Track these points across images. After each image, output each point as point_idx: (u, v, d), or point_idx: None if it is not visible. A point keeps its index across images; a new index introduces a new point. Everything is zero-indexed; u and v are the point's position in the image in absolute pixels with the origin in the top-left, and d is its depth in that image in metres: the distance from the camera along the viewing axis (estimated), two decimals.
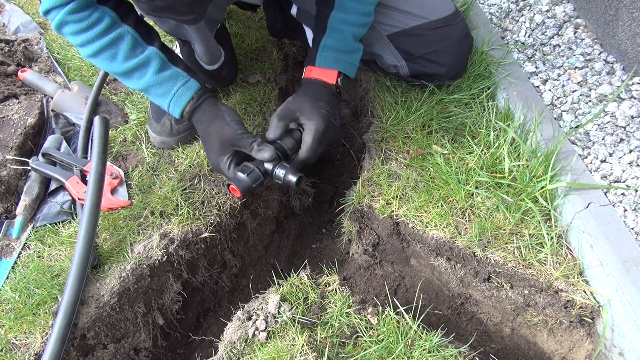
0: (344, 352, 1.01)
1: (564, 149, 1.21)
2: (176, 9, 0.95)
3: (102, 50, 1.12)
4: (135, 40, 1.14)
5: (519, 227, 1.13)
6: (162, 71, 1.16)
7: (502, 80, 1.42)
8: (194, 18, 1.05)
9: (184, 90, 1.17)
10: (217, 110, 1.18)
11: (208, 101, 1.19)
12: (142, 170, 1.37)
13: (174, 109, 1.18)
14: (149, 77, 1.15)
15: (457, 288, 1.26)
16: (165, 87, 1.17)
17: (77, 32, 1.10)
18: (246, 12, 1.88)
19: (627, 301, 0.95)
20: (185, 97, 1.17)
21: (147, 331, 1.24)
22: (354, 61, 1.28)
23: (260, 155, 1.12)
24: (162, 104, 1.20)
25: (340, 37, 1.23)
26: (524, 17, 1.62)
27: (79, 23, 1.08)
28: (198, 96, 1.18)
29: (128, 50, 1.13)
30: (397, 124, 1.40)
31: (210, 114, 1.17)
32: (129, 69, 1.15)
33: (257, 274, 1.61)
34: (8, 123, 1.47)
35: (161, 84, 1.17)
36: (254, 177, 1.11)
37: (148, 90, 1.18)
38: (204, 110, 1.18)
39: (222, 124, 1.16)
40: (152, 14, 1.05)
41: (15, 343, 1.05)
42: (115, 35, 1.11)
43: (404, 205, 1.23)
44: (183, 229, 1.23)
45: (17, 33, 1.89)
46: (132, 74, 1.16)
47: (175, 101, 1.17)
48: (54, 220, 1.28)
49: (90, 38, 1.10)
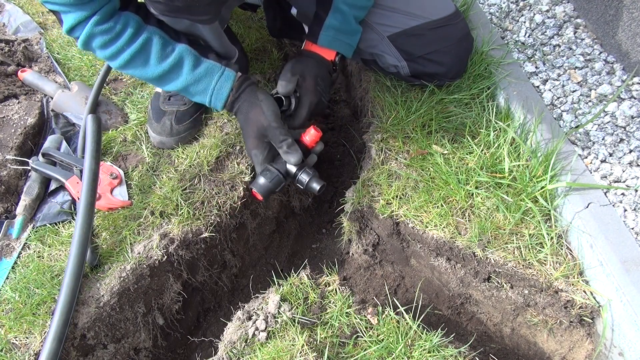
0: (344, 352, 1.01)
1: (564, 149, 1.21)
2: (193, 9, 0.96)
3: (134, 57, 1.12)
4: (164, 40, 1.14)
5: (519, 227, 1.13)
6: (196, 67, 1.16)
7: (502, 80, 1.42)
8: (210, 18, 1.06)
9: (223, 82, 1.18)
10: (256, 99, 1.19)
11: (247, 90, 1.21)
12: (142, 170, 1.37)
13: (216, 103, 1.20)
14: (185, 75, 1.16)
15: (457, 288, 1.26)
16: (204, 84, 1.18)
17: (107, 44, 1.10)
18: (246, 12, 1.88)
19: (627, 301, 0.95)
20: (225, 90, 1.18)
21: (147, 331, 1.24)
22: (353, 42, 1.32)
23: (287, 158, 1.16)
24: (203, 100, 1.20)
25: (343, 18, 1.25)
26: (524, 17, 1.62)
27: (107, 34, 1.08)
28: (237, 86, 1.20)
29: (159, 51, 1.13)
30: (397, 124, 1.40)
31: (249, 103, 1.19)
32: (164, 72, 1.15)
33: (257, 274, 1.61)
34: (8, 123, 1.47)
35: (199, 81, 1.17)
36: (275, 183, 1.15)
37: (187, 88, 1.18)
38: (244, 100, 1.20)
39: (259, 113, 1.17)
40: (168, 14, 1.05)
41: (15, 343, 1.05)
42: (145, 39, 1.11)
43: (404, 205, 1.23)
44: (183, 229, 1.23)
45: (17, 33, 1.89)
46: (168, 76, 1.16)
47: (217, 95, 1.19)
48: (54, 220, 1.28)
49: (120, 47, 1.10)
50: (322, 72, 1.28)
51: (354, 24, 1.28)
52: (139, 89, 1.63)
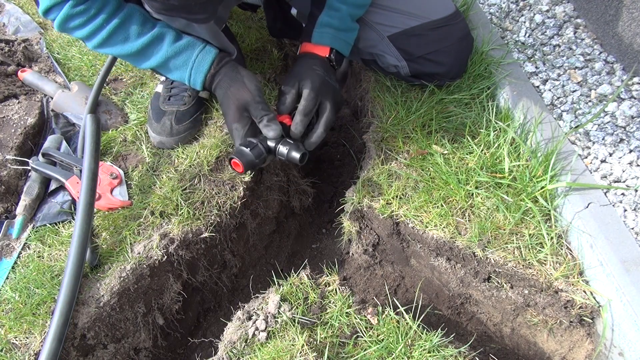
0: (344, 352, 1.01)
1: (564, 149, 1.21)
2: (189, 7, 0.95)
3: (112, 34, 1.10)
4: (144, 16, 1.12)
5: (519, 227, 1.13)
6: (178, 40, 1.14)
7: (502, 80, 1.42)
8: (206, 17, 1.05)
9: (204, 55, 1.15)
10: (237, 74, 1.17)
11: (228, 65, 1.18)
12: (142, 170, 1.37)
13: (196, 77, 1.17)
14: (166, 47, 1.13)
15: (457, 288, 1.26)
16: (185, 56, 1.15)
17: (84, 23, 1.08)
18: (246, 12, 1.88)
19: (627, 301, 0.95)
20: (207, 62, 1.15)
21: (147, 331, 1.24)
22: (349, 40, 1.29)
23: (266, 131, 1.12)
24: (182, 75, 1.17)
25: (337, 16, 1.23)
26: (524, 17, 1.62)
27: (85, 14, 1.06)
28: (218, 60, 1.17)
29: (140, 26, 1.11)
30: (397, 124, 1.40)
31: (230, 77, 1.16)
32: (144, 45, 1.12)
33: (257, 274, 1.61)
34: (8, 123, 1.47)
35: (180, 53, 1.15)
36: (256, 152, 1.11)
37: (167, 63, 1.15)
38: (224, 74, 1.17)
39: (240, 87, 1.14)
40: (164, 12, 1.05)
41: (15, 343, 1.05)
42: (124, 15, 1.09)
43: (404, 205, 1.23)
44: (183, 229, 1.23)
45: (17, 33, 1.89)
46: (148, 49, 1.14)
47: (197, 68, 1.16)
48: (54, 220, 1.28)
49: (98, 25, 1.08)
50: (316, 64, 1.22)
51: (350, 22, 1.26)
52: (139, 89, 1.63)
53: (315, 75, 1.19)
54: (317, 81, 1.18)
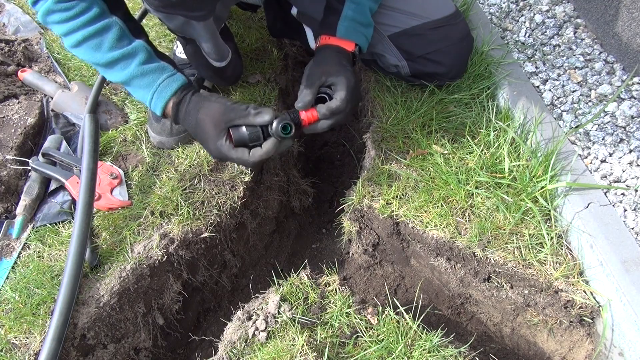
0: (344, 352, 1.01)
1: (564, 149, 1.21)
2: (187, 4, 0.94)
3: (86, 39, 1.08)
4: (123, 32, 1.10)
5: (519, 227, 1.13)
6: (148, 63, 1.10)
7: (502, 80, 1.42)
8: (204, 14, 1.04)
9: (170, 82, 1.10)
10: (203, 99, 1.10)
11: (194, 94, 1.12)
12: (142, 170, 1.37)
13: (157, 102, 1.11)
14: (133, 67, 1.09)
15: (457, 288, 1.26)
16: (150, 79, 1.10)
17: (63, 21, 1.07)
18: (246, 12, 1.88)
19: (627, 301, 0.95)
20: (171, 89, 1.10)
21: (147, 331, 1.24)
22: (369, 36, 1.26)
23: (260, 119, 1.04)
24: (144, 97, 1.12)
25: (359, 9, 1.20)
26: (524, 17, 1.62)
27: (66, 12, 1.06)
28: (182, 89, 1.11)
29: (114, 40, 1.08)
30: (397, 124, 1.40)
31: (196, 102, 1.10)
32: (113, 59, 1.09)
33: (257, 274, 1.61)
34: (8, 123, 1.47)
35: (145, 75, 1.10)
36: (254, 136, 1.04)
37: (131, 81, 1.11)
38: (189, 101, 1.11)
39: (209, 105, 1.08)
40: (162, 10, 1.04)
41: (15, 343, 1.05)
42: (103, 25, 1.08)
43: (404, 205, 1.23)
44: (183, 229, 1.23)
45: (17, 33, 1.89)
46: (116, 65, 1.10)
47: (160, 93, 1.10)
48: (54, 220, 1.28)
49: (75, 26, 1.07)
50: (344, 59, 1.17)
51: (370, 17, 1.24)
52: None
53: (349, 73, 1.13)
54: (353, 80, 1.12)
